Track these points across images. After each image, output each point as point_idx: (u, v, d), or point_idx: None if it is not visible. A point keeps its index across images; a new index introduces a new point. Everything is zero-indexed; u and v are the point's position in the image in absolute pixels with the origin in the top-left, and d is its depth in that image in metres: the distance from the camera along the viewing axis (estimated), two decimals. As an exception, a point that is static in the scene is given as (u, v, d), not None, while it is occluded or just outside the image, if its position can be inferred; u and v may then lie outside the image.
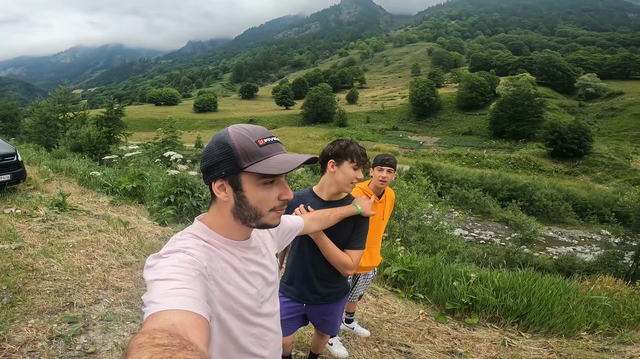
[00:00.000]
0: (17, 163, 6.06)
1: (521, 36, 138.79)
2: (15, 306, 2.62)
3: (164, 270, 0.67)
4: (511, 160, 42.04)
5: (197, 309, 0.60)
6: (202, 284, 0.68)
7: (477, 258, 8.68)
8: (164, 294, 0.61)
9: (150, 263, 0.71)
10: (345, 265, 1.59)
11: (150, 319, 0.57)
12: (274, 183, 0.81)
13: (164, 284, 0.63)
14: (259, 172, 0.75)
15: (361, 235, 1.65)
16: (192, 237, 0.80)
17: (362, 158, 1.60)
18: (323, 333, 1.91)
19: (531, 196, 26.33)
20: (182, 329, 0.54)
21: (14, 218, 4.77)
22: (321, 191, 1.68)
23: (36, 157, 10.49)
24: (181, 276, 0.66)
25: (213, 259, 0.78)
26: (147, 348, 0.46)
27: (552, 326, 3.00)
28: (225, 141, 0.78)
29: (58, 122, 18.52)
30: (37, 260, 3.53)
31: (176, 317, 0.56)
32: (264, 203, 0.80)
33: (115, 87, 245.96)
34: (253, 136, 0.78)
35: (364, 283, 2.50)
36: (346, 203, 1.67)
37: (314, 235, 1.58)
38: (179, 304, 0.59)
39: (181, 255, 0.71)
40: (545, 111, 52.39)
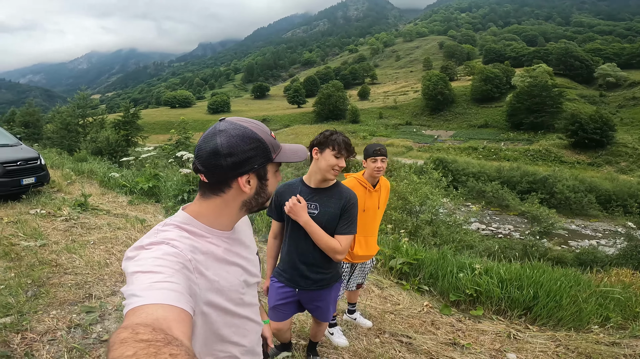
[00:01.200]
0: (40, 167, 6.38)
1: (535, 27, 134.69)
2: (39, 299, 2.81)
3: (146, 262, 0.65)
4: (530, 152, 40.93)
5: (180, 303, 0.59)
6: (185, 277, 0.67)
7: (493, 252, 8.56)
8: (147, 287, 0.59)
9: (131, 254, 0.70)
10: (335, 249, 1.66)
11: (132, 314, 0.55)
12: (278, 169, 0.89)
13: (146, 277, 0.62)
14: (285, 161, 0.84)
15: (349, 220, 1.71)
16: (176, 228, 0.79)
17: (343, 147, 1.66)
18: (319, 320, 1.98)
19: (552, 189, 25.57)
20: (165, 323, 0.53)
21: (39, 218, 5.05)
22: (309, 180, 1.76)
23: (59, 161, 10.96)
24: (164, 269, 0.64)
25: (197, 251, 0.77)
26: (131, 343, 0.45)
27: (560, 319, 2.96)
28: (254, 136, 0.79)
29: (78, 126, 19.21)
30: (60, 256, 3.75)
31: (159, 311, 0.55)
32: (274, 187, 0.88)
33: (131, 91, 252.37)
34: (266, 130, 0.85)
35: (361, 272, 2.54)
36: (334, 190, 1.74)
37: (303, 223, 1.65)
38: (162, 298, 0.58)
39: (165, 247, 0.70)
40: (565, 102, 50.74)
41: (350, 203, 1.72)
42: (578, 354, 2.51)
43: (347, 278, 2.47)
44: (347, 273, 2.46)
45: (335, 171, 1.67)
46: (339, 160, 1.66)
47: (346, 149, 1.67)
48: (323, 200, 1.72)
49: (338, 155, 1.66)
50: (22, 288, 2.96)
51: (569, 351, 2.55)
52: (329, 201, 1.72)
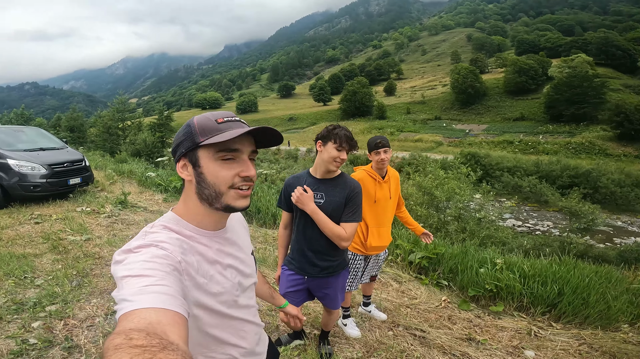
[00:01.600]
0: (85, 168, 6.93)
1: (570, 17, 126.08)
2: (83, 288, 3.11)
3: (135, 265, 0.64)
4: (572, 144, 38.51)
5: (174, 306, 0.58)
6: (177, 280, 0.66)
7: (527, 249, 8.21)
8: (138, 291, 0.58)
9: (120, 258, 0.68)
10: (340, 236, 1.75)
11: (124, 319, 0.54)
12: (234, 160, 0.79)
13: (136, 281, 0.60)
14: (212, 142, 0.75)
15: (354, 208, 1.80)
16: (164, 229, 0.78)
17: (344, 141, 1.74)
18: (326, 307, 2.06)
19: (596, 183, 23.95)
20: (160, 328, 0.52)
21: (84, 214, 5.52)
22: (315, 171, 1.87)
23: (102, 163, 11.81)
24: (155, 271, 0.63)
25: (187, 252, 0.75)
26: (125, 349, 0.44)
27: (587, 317, 2.86)
28: (188, 122, 0.81)
29: (118, 130, 20.46)
30: (103, 249, 4.11)
31: (152, 315, 0.54)
32: (220, 179, 0.78)
33: (165, 94, 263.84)
34: (214, 116, 0.80)
35: (375, 264, 2.58)
36: (339, 180, 1.84)
37: (310, 211, 1.75)
38: (155, 301, 0.56)
39: (154, 250, 0.68)
40: (608, 92, 47.24)
41: (354, 192, 1.81)
42: (602, 353, 2.43)
43: (361, 270, 2.53)
44: (361, 266, 2.51)
45: (337, 163, 1.75)
46: (340, 152, 1.74)
47: (347, 142, 1.75)
48: (328, 189, 1.81)
49: (339, 148, 1.74)
50: (68, 278, 3.27)
51: (592, 350, 2.47)
52: (334, 190, 1.81)
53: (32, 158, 6.05)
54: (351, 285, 2.52)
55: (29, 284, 3.15)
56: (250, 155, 0.82)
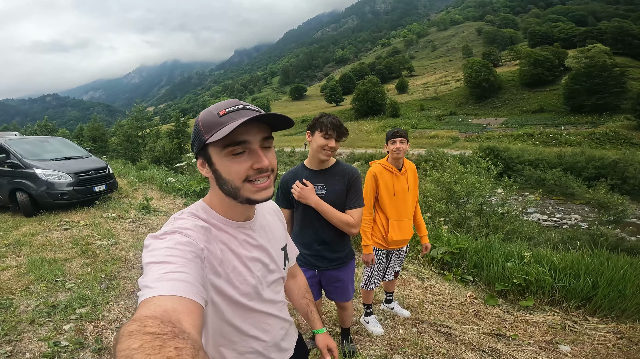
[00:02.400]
0: (109, 175, 7.15)
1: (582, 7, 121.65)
2: (111, 291, 3.20)
3: (159, 251, 0.65)
4: (596, 135, 37.08)
5: (190, 294, 0.58)
6: (198, 267, 0.66)
7: (555, 243, 7.92)
8: (158, 278, 0.59)
9: (148, 243, 0.69)
10: (349, 223, 1.73)
11: (142, 305, 0.55)
12: (245, 153, 0.76)
13: (158, 267, 0.61)
14: (214, 139, 0.72)
15: (356, 194, 1.78)
16: (192, 217, 0.78)
17: (329, 128, 1.70)
18: (337, 300, 2.02)
19: (624, 173, 22.95)
20: (174, 315, 0.53)
21: (110, 220, 5.70)
22: (310, 163, 1.85)
23: (124, 170, 12.18)
24: (176, 258, 0.64)
25: (211, 241, 0.75)
26: (138, 336, 0.45)
27: (624, 310, 2.74)
28: (196, 120, 0.79)
29: (138, 138, 21.07)
30: (129, 252, 4.22)
31: (168, 303, 0.55)
32: (233, 174, 0.76)
33: (180, 101, 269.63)
34: (217, 109, 0.76)
35: (397, 259, 2.54)
36: (336, 169, 1.81)
37: (314, 204, 1.73)
38: (173, 289, 0.57)
39: (178, 236, 0.69)
40: (629, 81, 45.46)
41: (354, 177, 1.79)
42: (643, 346, 2.31)
43: (383, 267, 2.48)
44: (383, 261, 2.47)
45: (326, 151, 1.72)
46: (327, 140, 1.71)
47: (333, 129, 1.70)
48: (327, 179, 1.79)
49: (326, 135, 1.71)
50: (97, 281, 3.38)
51: (632, 344, 2.35)
52: (332, 179, 1.79)
53: (59, 167, 6.29)
54: (371, 282, 2.48)
55: (60, 287, 3.27)
56: (263, 143, 0.78)
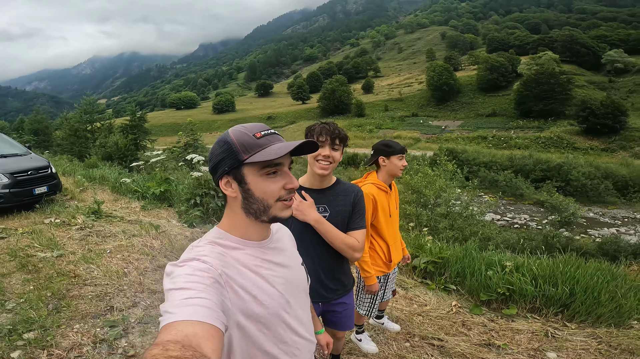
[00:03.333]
0: (52, 175, 6.37)
1: (537, 15, 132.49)
2: (61, 312, 2.76)
3: (179, 279, 0.67)
4: (542, 139, 40.25)
5: (210, 319, 0.60)
6: (217, 292, 0.68)
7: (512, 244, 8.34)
8: (178, 304, 0.61)
9: (168, 271, 0.72)
10: (354, 247, 1.51)
11: (164, 330, 0.57)
12: (277, 173, 0.81)
13: (178, 293, 0.64)
14: (257, 160, 0.77)
15: (361, 214, 1.59)
16: (209, 244, 0.80)
17: (320, 133, 1.50)
18: (340, 330, 1.80)
19: (567, 176, 25.02)
20: (195, 340, 0.55)
21: (54, 227, 5.03)
22: (308, 180, 1.61)
23: (70, 168, 11.00)
24: (195, 284, 0.66)
25: (229, 265, 0.77)
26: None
27: (599, 316, 2.82)
28: (225, 139, 0.81)
29: (87, 132, 19.35)
30: (78, 266, 3.71)
31: (189, 328, 0.57)
32: (268, 193, 0.80)
33: (136, 94, 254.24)
34: (250, 131, 0.81)
35: (393, 277, 2.43)
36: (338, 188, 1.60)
37: (314, 221, 1.49)
38: (192, 314, 0.59)
39: (195, 263, 0.71)
40: (574, 88, 49.95)
41: (358, 196, 1.60)
42: (621, 351, 2.38)
43: (382, 289, 2.33)
44: (383, 286, 2.31)
45: (321, 162, 1.49)
46: (321, 149, 1.50)
47: (326, 134, 1.49)
48: (330, 199, 1.56)
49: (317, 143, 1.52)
50: (43, 301, 2.91)
51: (612, 349, 2.42)
52: (336, 199, 1.57)
53: (-8, 167, 5.49)
54: (374, 309, 2.30)
55: (0, 308, 2.77)
56: (289, 165, 0.84)
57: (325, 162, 1.49)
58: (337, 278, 1.65)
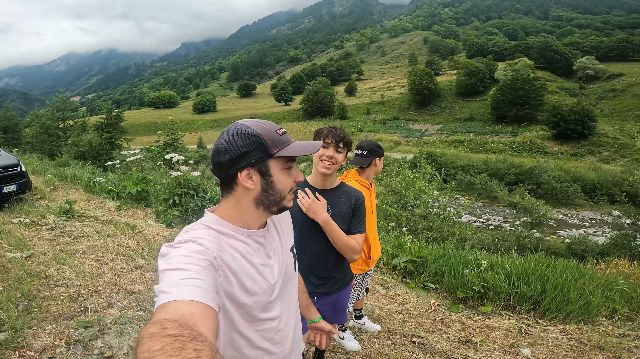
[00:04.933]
0: (21, 174, 6.08)
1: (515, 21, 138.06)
2: (32, 313, 2.65)
3: (175, 259, 0.68)
4: (515, 143, 41.79)
5: (206, 299, 0.61)
6: (211, 274, 0.69)
7: (487, 245, 8.62)
8: (175, 284, 0.62)
9: (164, 252, 0.73)
10: (354, 249, 1.60)
11: (160, 309, 0.58)
12: (291, 168, 0.87)
13: (174, 274, 0.65)
14: (287, 155, 0.82)
15: (361, 219, 1.68)
16: (204, 227, 0.81)
17: (327, 135, 1.60)
18: (334, 323, 1.89)
19: (538, 179, 26.09)
20: (191, 319, 0.55)
21: (23, 227, 4.80)
22: (313, 179, 1.70)
23: (40, 167, 10.51)
24: (191, 266, 0.67)
25: (224, 249, 0.78)
26: (159, 338, 0.48)
27: (569, 313, 2.95)
28: (251, 132, 0.82)
29: (59, 130, 18.55)
30: (49, 267, 3.55)
31: (186, 308, 0.57)
32: (286, 185, 0.86)
33: (112, 92, 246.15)
34: (271, 127, 0.84)
35: (368, 275, 2.47)
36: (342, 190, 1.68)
37: (323, 222, 1.57)
38: (189, 294, 0.60)
39: (192, 245, 0.72)
40: (546, 94, 52.16)
41: (360, 201, 1.69)
42: (591, 347, 2.50)
43: (358, 288, 2.37)
44: (359, 284, 2.36)
45: (325, 162, 1.58)
46: (325, 150, 1.59)
47: (332, 137, 1.59)
48: (333, 201, 1.65)
49: (323, 144, 1.59)
50: (12, 302, 2.79)
51: (582, 345, 2.54)
52: (338, 201, 1.65)
53: (-44, 164, 5.19)
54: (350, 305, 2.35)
55: (-36, 311, 2.62)
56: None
57: (328, 162, 1.58)
58: (334, 274, 1.71)
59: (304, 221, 1.60)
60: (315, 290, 1.70)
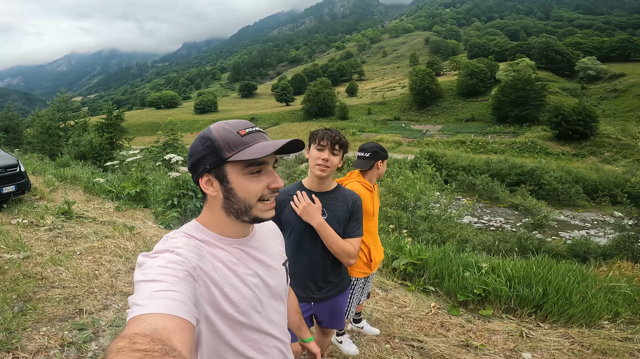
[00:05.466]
0: (20, 174, 6.07)
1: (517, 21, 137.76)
2: (27, 315, 2.63)
3: (150, 270, 0.65)
4: (516, 144, 41.65)
5: (181, 313, 0.58)
6: (189, 286, 0.66)
7: (488, 246, 8.56)
8: (148, 296, 0.59)
9: (140, 261, 0.70)
10: (349, 253, 1.58)
11: (132, 323, 0.55)
12: (261, 172, 0.79)
13: (149, 285, 0.62)
14: (242, 159, 0.74)
15: (359, 222, 1.66)
16: (184, 236, 0.77)
17: (322, 138, 1.57)
18: (331, 328, 1.86)
19: (540, 180, 25.97)
20: (164, 333, 0.53)
21: (21, 228, 4.78)
22: (309, 182, 1.67)
23: (41, 167, 10.52)
24: (168, 277, 0.64)
25: (205, 259, 0.75)
26: (127, 353, 0.45)
27: (571, 316, 2.91)
28: (207, 135, 0.78)
29: (60, 130, 18.58)
30: (46, 268, 3.53)
31: (159, 321, 0.55)
32: (251, 193, 0.78)
33: (114, 92, 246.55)
34: (234, 128, 0.78)
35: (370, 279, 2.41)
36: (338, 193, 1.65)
37: (317, 225, 1.54)
38: (163, 307, 0.57)
39: (169, 255, 0.69)
40: (548, 94, 51.94)
41: (357, 204, 1.66)
42: (593, 351, 2.45)
43: (359, 292, 2.31)
44: (360, 288, 2.29)
45: (320, 166, 1.56)
46: (321, 153, 1.56)
47: (327, 139, 1.56)
48: (329, 204, 1.62)
49: (319, 147, 1.57)
50: (7, 303, 2.77)
51: (584, 348, 2.49)
52: (334, 204, 1.62)
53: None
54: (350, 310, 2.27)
55: (-42, 313, 2.60)
56: (273, 164, 0.82)
57: (323, 166, 1.56)
58: (331, 278, 1.68)
59: (300, 226, 1.58)
60: (312, 295, 1.66)
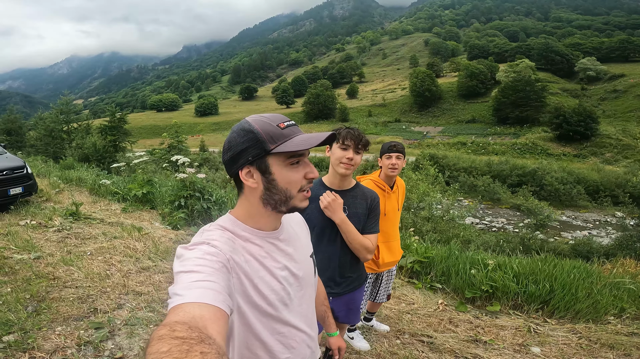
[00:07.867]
0: (27, 176, 6.13)
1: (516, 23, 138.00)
2: (41, 314, 2.66)
3: (188, 261, 0.69)
4: (517, 145, 41.68)
5: (217, 302, 0.61)
6: (224, 276, 0.69)
7: (491, 246, 8.58)
8: (187, 286, 0.63)
9: (179, 253, 0.73)
10: (368, 248, 1.63)
11: (172, 312, 0.59)
12: (299, 163, 0.82)
13: (187, 276, 0.65)
14: (286, 150, 0.77)
15: (375, 219, 1.71)
16: (219, 229, 0.81)
17: (347, 137, 1.61)
18: (347, 323, 1.90)
19: (541, 181, 25.99)
20: (201, 322, 0.56)
21: (30, 229, 4.83)
22: (329, 181, 1.71)
23: (45, 169, 10.60)
24: (204, 268, 0.67)
25: (237, 251, 0.78)
26: (167, 340, 0.48)
27: (578, 312, 2.95)
28: (248, 128, 0.80)
29: (63, 133, 18.67)
30: (57, 268, 3.57)
31: (196, 310, 0.58)
32: (292, 183, 0.81)
33: (115, 95, 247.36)
34: (273, 121, 0.80)
35: (388, 280, 2.45)
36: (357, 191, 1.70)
37: (340, 221, 1.59)
38: (200, 297, 0.60)
39: (205, 247, 0.73)
40: (548, 95, 52.02)
41: (375, 202, 1.72)
42: (601, 345, 2.49)
43: (369, 289, 2.37)
44: (370, 284, 2.36)
45: (344, 164, 1.61)
46: (345, 152, 1.61)
47: (351, 139, 1.61)
48: (349, 201, 1.67)
49: (343, 146, 1.61)
50: (21, 303, 2.80)
51: (592, 343, 2.53)
52: (354, 202, 1.67)
53: (-37, 166, 5.23)
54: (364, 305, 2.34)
55: (-26, 312, 2.64)
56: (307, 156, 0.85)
57: (348, 164, 1.61)
58: (349, 274, 1.73)
59: (322, 223, 1.62)
60: (331, 290, 1.71)
